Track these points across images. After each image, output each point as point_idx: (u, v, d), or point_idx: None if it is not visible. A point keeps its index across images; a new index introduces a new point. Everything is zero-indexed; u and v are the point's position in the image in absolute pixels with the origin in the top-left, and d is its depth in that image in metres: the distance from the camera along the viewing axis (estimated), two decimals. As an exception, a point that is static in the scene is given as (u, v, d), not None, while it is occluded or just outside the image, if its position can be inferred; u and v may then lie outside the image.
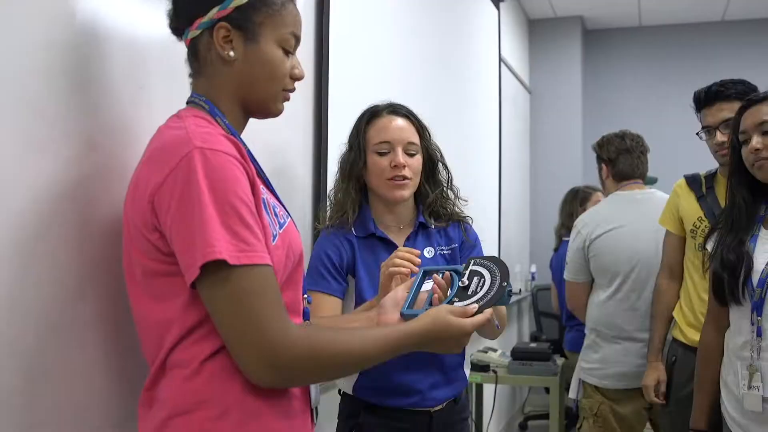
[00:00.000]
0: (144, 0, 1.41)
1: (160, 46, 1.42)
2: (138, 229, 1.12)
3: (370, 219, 1.90)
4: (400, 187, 1.84)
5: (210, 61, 1.23)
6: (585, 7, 6.22)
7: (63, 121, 1.19)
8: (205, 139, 1.09)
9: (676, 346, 2.54)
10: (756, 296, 1.82)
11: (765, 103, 1.90)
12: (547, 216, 5.02)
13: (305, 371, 1.12)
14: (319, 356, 1.12)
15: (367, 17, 2.68)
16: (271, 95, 1.27)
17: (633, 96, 6.60)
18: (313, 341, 1.12)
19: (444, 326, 1.26)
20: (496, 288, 1.38)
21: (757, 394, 1.80)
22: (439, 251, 1.92)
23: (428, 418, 1.87)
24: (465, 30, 4.12)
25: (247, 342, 1.06)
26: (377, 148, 1.86)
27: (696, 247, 2.47)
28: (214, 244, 1.03)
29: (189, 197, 1.05)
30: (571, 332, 3.81)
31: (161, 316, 1.12)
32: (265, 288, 1.08)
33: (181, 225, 1.05)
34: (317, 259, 1.88)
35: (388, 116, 1.89)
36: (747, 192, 1.94)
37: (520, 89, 5.91)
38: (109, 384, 1.28)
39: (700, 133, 2.49)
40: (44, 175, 1.15)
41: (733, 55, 6.27)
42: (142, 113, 1.38)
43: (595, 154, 3.25)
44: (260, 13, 1.22)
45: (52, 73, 1.17)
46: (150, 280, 1.13)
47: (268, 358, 1.06)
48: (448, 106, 3.70)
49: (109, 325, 1.28)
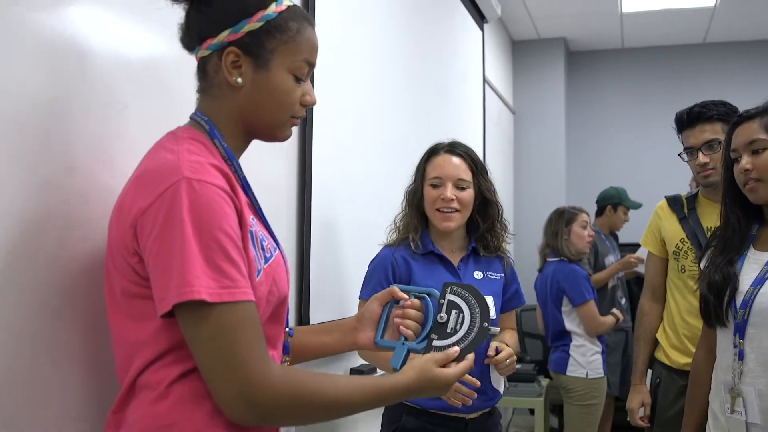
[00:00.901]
0: (126, 18, 1.40)
1: (143, 65, 1.41)
2: (119, 250, 1.10)
3: (430, 240, 2.14)
4: (447, 218, 2.09)
5: (217, 83, 1.19)
6: (568, 29, 6.28)
7: (44, 139, 1.18)
8: (194, 169, 1.06)
9: (660, 368, 2.53)
10: (739, 318, 1.77)
11: (755, 121, 1.83)
12: (531, 236, 5.02)
13: (285, 412, 1.09)
14: (300, 399, 1.09)
15: (352, 37, 2.68)
16: (278, 122, 1.23)
17: (616, 117, 6.66)
18: (294, 383, 1.09)
19: (429, 379, 1.24)
20: (476, 330, 1.34)
21: (740, 419, 1.75)
22: (488, 275, 2.14)
23: (464, 425, 2.05)
24: (450, 51, 4.14)
25: (226, 380, 1.03)
26: (432, 181, 2.12)
27: (678, 268, 2.48)
28: (193, 282, 1.00)
29: (171, 228, 1.02)
30: (556, 353, 3.80)
31: (135, 336, 1.10)
32: (246, 325, 1.05)
33: (159, 255, 1.03)
34: (373, 271, 2.13)
35: (445, 155, 2.15)
36: (740, 210, 1.89)
37: (503, 109, 5.94)
38: (85, 403, 1.26)
39: (682, 155, 2.50)
40: (23, 195, 1.14)
41: (715, 76, 6.35)
42: (125, 133, 1.36)
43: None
44: (273, 40, 1.17)
45: (33, 92, 1.16)
46: (128, 300, 1.11)
47: (247, 396, 1.04)
48: (433, 126, 3.71)
49: (87, 344, 1.26)
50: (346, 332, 1.44)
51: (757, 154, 1.81)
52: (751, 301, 1.75)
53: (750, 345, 1.75)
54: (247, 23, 1.15)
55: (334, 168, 2.47)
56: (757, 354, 1.74)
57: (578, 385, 3.67)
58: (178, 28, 1.23)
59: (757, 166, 1.80)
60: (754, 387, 1.73)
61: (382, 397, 1.21)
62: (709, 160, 2.38)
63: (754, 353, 1.74)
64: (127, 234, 1.07)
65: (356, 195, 2.68)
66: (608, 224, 4.72)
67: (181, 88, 1.56)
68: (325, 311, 2.36)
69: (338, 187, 2.53)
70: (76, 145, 1.25)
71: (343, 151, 2.53)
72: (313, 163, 2.29)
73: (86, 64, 1.28)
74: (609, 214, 4.71)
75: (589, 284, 3.71)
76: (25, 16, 1.16)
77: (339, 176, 2.52)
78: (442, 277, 2.06)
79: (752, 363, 1.74)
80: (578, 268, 3.73)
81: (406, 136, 3.23)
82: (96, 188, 1.29)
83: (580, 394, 3.67)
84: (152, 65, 1.26)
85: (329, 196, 2.44)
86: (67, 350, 1.22)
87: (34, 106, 1.16)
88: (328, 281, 2.43)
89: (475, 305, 1.37)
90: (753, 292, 1.76)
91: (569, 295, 3.70)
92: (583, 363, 3.68)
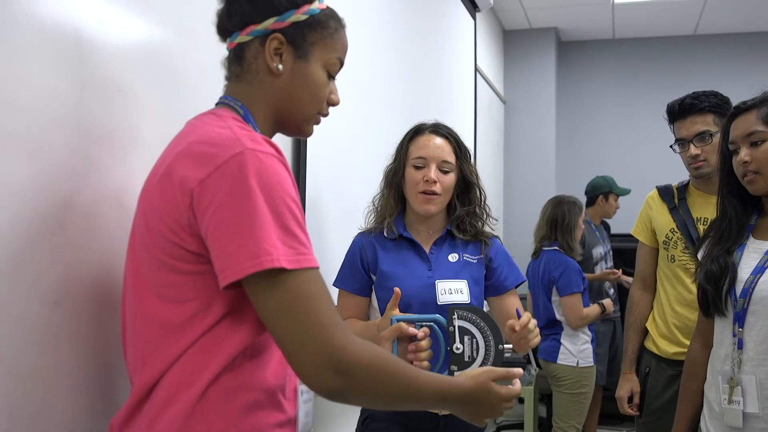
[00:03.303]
0: (121, 3, 1.39)
1: (140, 49, 1.40)
2: (164, 222, 1.08)
3: (402, 224, 2.08)
4: (429, 201, 2.01)
5: (255, 69, 1.21)
6: (559, 19, 6.28)
7: (41, 121, 1.17)
8: (255, 140, 1.07)
9: (649, 357, 2.55)
10: (738, 307, 1.77)
11: (752, 112, 1.82)
12: (521, 225, 5.04)
13: (365, 384, 1.07)
14: (381, 373, 1.08)
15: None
16: (307, 116, 1.27)
17: (606, 107, 6.67)
18: (379, 356, 1.09)
19: (486, 391, 1.23)
20: (493, 354, 1.36)
21: (737, 409, 1.75)
22: (464, 258, 2.06)
23: (435, 421, 1.95)
24: (442, 39, 4.14)
25: (311, 346, 1.02)
26: (414, 162, 2.03)
27: (668, 258, 2.49)
28: (271, 251, 1.00)
29: (239, 198, 1.01)
30: (546, 341, 3.82)
31: (169, 317, 1.08)
32: (324, 292, 1.06)
33: (224, 224, 1.02)
34: (346, 259, 2.08)
35: (429, 135, 2.07)
36: (738, 201, 1.89)
37: (494, 99, 5.94)
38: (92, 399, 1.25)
39: (673, 146, 2.50)
40: (20, 178, 1.13)
41: (705, 67, 6.37)
42: (120, 116, 1.35)
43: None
44: (314, 33, 1.23)
45: (29, 75, 1.15)
46: (165, 276, 1.09)
47: (333, 362, 1.03)
48: (425, 114, 3.69)
49: (90, 331, 1.25)
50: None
51: (755, 146, 1.80)
52: (752, 289, 1.76)
53: (749, 333, 1.76)
54: (293, 14, 1.20)
55: (327, 158, 2.47)
56: (756, 342, 1.74)
57: (569, 373, 3.69)
58: (216, 14, 1.25)
59: (755, 158, 1.80)
60: (755, 375, 1.74)
61: (444, 398, 1.20)
62: (700, 152, 2.39)
63: (753, 341, 1.75)
64: (180, 205, 1.06)
65: (346, 182, 2.68)
66: (600, 214, 4.74)
67: (181, 72, 1.55)
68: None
69: (327, 174, 2.52)
70: (78, 134, 1.25)
71: (333, 137, 2.52)
72: (307, 154, 2.28)
73: (85, 50, 1.27)
74: (601, 204, 4.72)
75: (580, 278, 3.73)
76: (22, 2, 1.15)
77: (328, 162, 2.52)
78: (410, 263, 2.02)
79: (752, 351, 1.75)
80: (571, 261, 3.75)
81: (397, 124, 3.22)
82: (100, 176, 1.28)
83: (570, 383, 3.70)
84: (148, 50, 1.25)
85: (318, 182, 2.43)
86: (64, 337, 1.21)
87: (32, 94, 1.15)
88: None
89: (485, 328, 1.40)
90: (753, 281, 1.76)
91: (558, 285, 3.73)
92: (574, 351, 3.70)
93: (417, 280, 1.98)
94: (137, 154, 1.36)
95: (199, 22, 1.58)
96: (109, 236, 1.29)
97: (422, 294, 1.96)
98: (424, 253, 2.04)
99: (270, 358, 1.16)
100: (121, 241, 1.28)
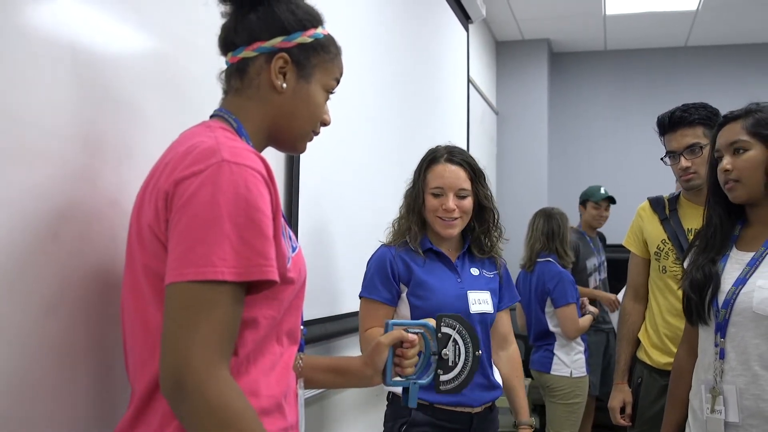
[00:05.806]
0: (115, 13, 1.40)
1: (136, 61, 1.41)
2: (151, 226, 1.10)
3: (428, 240, 2.20)
4: (449, 225, 2.14)
5: (256, 85, 1.24)
6: (552, 31, 6.32)
7: (37, 132, 1.17)
8: (235, 153, 1.08)
9: (641, 368, 2.56)
10: (720, 317, 1.78)
11: (738, 122, 1.84)
12: (513, 235, 5.03)
13: (199, 412, 1.01)
14: (219, 410, 1.01)
15: (337, 36, 2.65)
16: (303, 133, 1.30)
17: (598, 118, 6.71)
18: (232, 397, 1.02)
19: None
20: (471, 359, 1.50)
21: (719, 418, 1.76)
22: (483, 272, 2.21)
23: (469, 418, 2.09)
24: (435, 51, 4.15)
25: (169, 355, 1.02)
26: (433, 191, 2.16)
27: (660, 269, 2.51)
28: (216, 262, 1.01)
29: (202, 203, 1.03)
30: (539, 352, 3.82)
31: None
32: (228, 310, 1.04)
33: (182, 226, 1.04)
34: (373, 269, 2.17)
35: (445, 164, 2.18)
36: (723, 211, 1.90)
37: (487, 110, 5.96)
38: (91, 403, 1.25)
39: (664, 159, 2.52)
40: (16, 187, 1.13)
41: (696, 79, 6.42)
42: (116, 127, 1.36)
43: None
44: (317, 56, 1.27)
45: (26, 86, 1.15)
46: (158, 282, 1.09)
47: (178, 377, 1.01)
48: (418, 126, 3.72)
49: (85, 339, 1.25)
50: (361, 378, 1.46)
51: (738, 154, 1.82)
52: (733, 300, 1.77)
53: (731, 344, 1.77)
54: (300, 35, 1.25)
55: (321, 168, 2.47)
56: (737, 353, 1.76)
57: (562, 383, 3.70)
58: (222, 27, 1.27)
59: (736, 166, 1.81)
60: (735, 385, 1.75)
61: None
62: (690, 165, 2.41)
63: (734, 352, 1.76)
64: (159, 203, 1.08)
65: (344, 195, 2.69)
66: (586, 222, 4.76)
67: (177, 84, 1.56)
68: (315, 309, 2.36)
69: (325, 188, 2.53)
70: (73, 144, 1.25)
71: (328, 151, 2.53)
72: (300, 165, 2.29)
73: (81, 61, 1.28)
74: (582, 213, 4.78)
75: (574, 289, 3.75)
76: (18, 10, 1.15)
77: (325, 177, 2.52)
78: (442, 275, 2.13)
79: (733, 362, 1.76)
80: (565, 272, 3.77)
81: (391, 135, 3.24)
82: (95, 186, 1.29)
83: (564, 393, 3.70)
84: (139, 60, 1.26)
85: (316, 197, 2.44)
86: (59, 345, 1.21)
87: (29, 105, 1.16)
88: (316, 282, 2.43)
89: (465, 334, 1.52)
90: (735, 292, 1.77)
91: (552, 296, 3.73)
92: (567, 362, 3.71)
93: (451, 290, 2.12)
94: (132, 164, 1.37)
95: (196, 34, 1.60)
96: (104, 245, 1.30)
97: (455, 304, 2.08)
98: (452, 265, 2.18)
99: (274, 364, 1.16)
100: (116, 250, 1.29)
